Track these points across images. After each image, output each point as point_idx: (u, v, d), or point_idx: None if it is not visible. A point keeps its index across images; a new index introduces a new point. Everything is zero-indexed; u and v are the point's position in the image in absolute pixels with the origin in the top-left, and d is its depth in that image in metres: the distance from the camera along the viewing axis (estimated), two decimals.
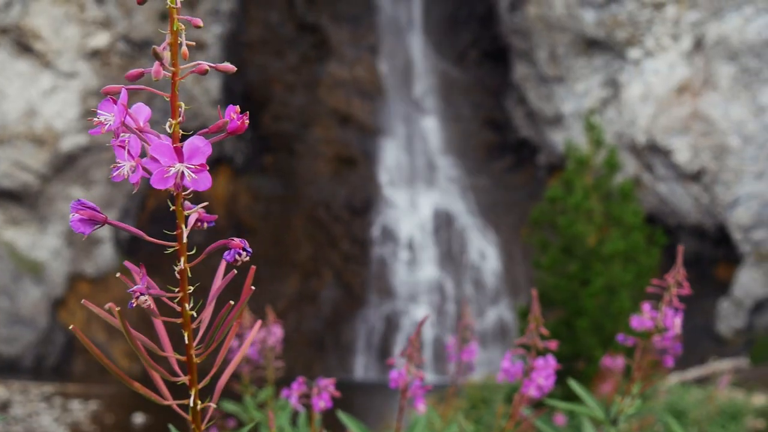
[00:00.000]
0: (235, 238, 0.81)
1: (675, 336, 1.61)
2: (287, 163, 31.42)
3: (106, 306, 0.85)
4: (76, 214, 0.80)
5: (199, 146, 0.75)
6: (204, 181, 0.77)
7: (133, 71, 0.78)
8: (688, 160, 26.75)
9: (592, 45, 28.48)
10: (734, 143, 26.21)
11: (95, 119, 0.78)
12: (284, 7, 32.55)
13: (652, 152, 27.55)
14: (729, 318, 26.10)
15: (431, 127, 32.23)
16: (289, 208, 30.62)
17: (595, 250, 9.98)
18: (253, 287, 0.83)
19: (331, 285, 29.23)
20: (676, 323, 1.61)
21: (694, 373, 21.81)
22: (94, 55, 27.10)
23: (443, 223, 29.73)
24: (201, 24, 0.76)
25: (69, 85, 27.04)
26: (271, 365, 2.70)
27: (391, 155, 31.42)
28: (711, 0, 26.46)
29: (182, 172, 0.74)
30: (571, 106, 29.19)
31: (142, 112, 0.76)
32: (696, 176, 26.90)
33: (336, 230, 29.87)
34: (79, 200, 0.82)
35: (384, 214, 30.10)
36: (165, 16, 28.34)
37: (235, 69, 0.88)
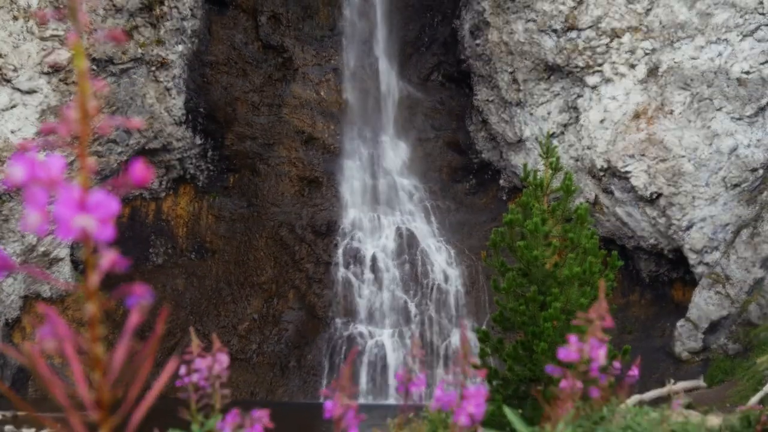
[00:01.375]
0: (138, 285, 0.85)
1: (600, 367, 1.69)
2: (251, 182, 31.29)
3: (23, 347, 0.88)
4: None
5: (103, 199, 0.79)
6: (107, 232, 0.81)
7: (47, 126, 0.82)
8: (644, 183, 27.35)
9: (551, 70, 29.06)
10: (688, 168, 26.90)
11: (4, 172, 0.81)
12: (249, 28, 32.61)
13: (611, 176, 28.11)
14: (686, 339, 26.60)
15: (395, 148, 32.46)
16: (252, 228, 30.45)
17: (552, 274, 10.13)
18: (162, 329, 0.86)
19: (294, 306, 29.06)
20: (600, 355, 1.68)
21: (652, 394, 22.14)
22: (54, 72, 26.76)
23: (407, 244, 29.85)
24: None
25: (28, 101, 26.62)
26: (217, 393, 2.70)
27: (355, 176, 31.53)
28: (664, 30, 27.25)
29: (86, 224, 0.78)
30: (531, 129, 29.69)
31: (55, 164, 0.79)
32: (652, 200, 27.49)
33: (299, 251, 29.77)
34: None
35: (348, 236, 30.12)
36: (127, 34, 28.16)
37: (144, 124, 0.92)
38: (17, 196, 26.57)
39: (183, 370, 3.41)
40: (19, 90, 26.56)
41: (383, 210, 30.95)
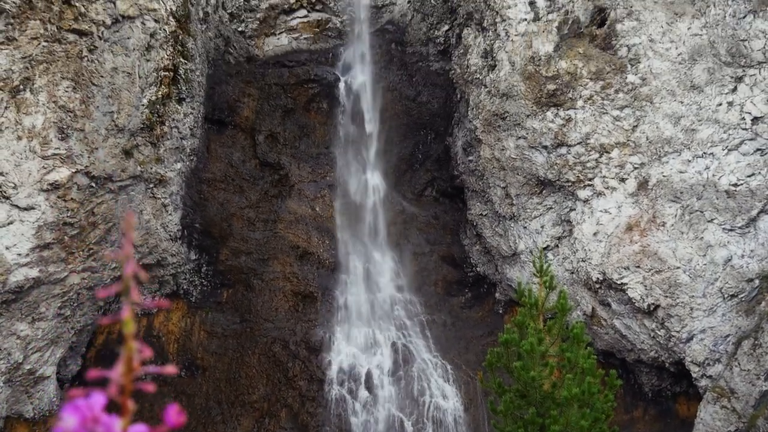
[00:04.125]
0: None
1: None
2: (245, 298, 31.10)
3: None
4: None
5: None
6: None
7: (93, 373, 0.86)
8: (641, 295, 27.28)
9: (543, 185, 29.64)
10: (684, 279, 26.93)
11: (59, 422, 0.84)
12: (247, 146, 33.45)
13: (607, 288, 28.08)
14: None
15: (389, 264, 32.55)
16: (244, 345, 29.98)
17: (551, 395, 9.94)
18: None
19: (286, 426, 28.17)
20: None
21: None
22: (53, 189, 27.11)
23: (402, 360, 29.35)
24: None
25: (25, 218, 26.79)
26: None
27: (350, 291, 31.42)
28: (651, 145, 28.05)
29: None
30: (526, 243, 29.93)
31: (97, 401, 0.83)
32: (650, 311, 27.34)
33: (293, 368, 29.19)
34: None
35: (342, 352, 29.66)
36: (128, 152, 28.77)
37: (177, 371, 0.96)
38: (6, 312, 26.25)
39: None
40: (17, 207, 26.78)
41: (378, 325, 30.64)
